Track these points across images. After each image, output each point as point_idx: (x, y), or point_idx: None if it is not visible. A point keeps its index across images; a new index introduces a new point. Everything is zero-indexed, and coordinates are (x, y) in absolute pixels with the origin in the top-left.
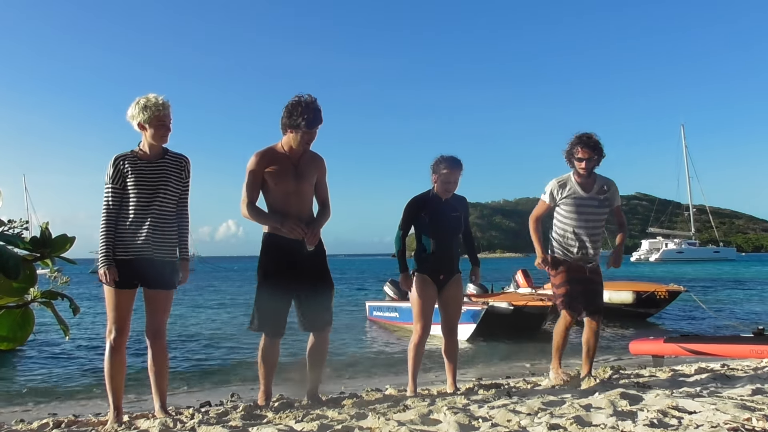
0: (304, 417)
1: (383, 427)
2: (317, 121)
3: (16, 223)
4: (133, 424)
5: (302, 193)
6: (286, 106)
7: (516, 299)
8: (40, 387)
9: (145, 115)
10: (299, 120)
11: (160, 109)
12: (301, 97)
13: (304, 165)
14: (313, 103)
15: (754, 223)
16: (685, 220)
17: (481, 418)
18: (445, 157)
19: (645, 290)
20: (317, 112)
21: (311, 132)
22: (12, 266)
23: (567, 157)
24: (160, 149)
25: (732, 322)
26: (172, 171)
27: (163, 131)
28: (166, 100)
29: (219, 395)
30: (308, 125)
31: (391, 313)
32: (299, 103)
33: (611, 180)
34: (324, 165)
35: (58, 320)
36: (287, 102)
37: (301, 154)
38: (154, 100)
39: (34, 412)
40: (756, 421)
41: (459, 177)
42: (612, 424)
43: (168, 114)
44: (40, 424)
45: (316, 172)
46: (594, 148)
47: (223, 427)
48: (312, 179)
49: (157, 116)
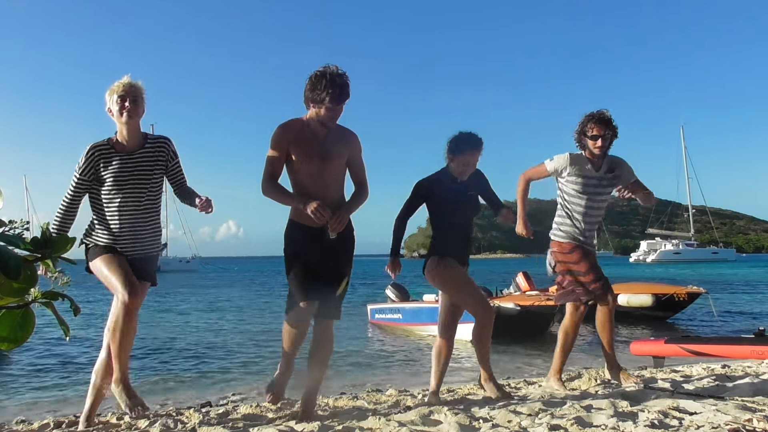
0: (304, 417)
1: (384, 428)
2: (344, 97)
3: (17, 223)
4: (133, 424)
5: (329, 174)
6: (309, 78)
7: (523, 300)
8: (41, 387)
9: (109, 98)
10: (323, 94)
11: (122, 86)
12: (327, 69)
13: (331, 143)
14: (339, 76)
15: (755, 224)
16: (685, 221)
17: (482, 418)
18: (465, 135)
19: (664, 292)
20: (344, 87)
21: (336, 108)
22: (13, 267)
23: (578, 138)
24: (138, 136)
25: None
26: (154, 159)
27: (122, 107)
28: (133, 81)
29: (219, 395)
30: (333, 101)
31: (395, 314)
32: (324, 75)
33: (622, 159)
34: (357, 141)
35: (58, 321)
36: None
37: (328, 131)
38: (119, 81)
39: (34, 412)
40: (757, 422)
41: (478, 159)
42: (613, 425)
43: (131, 92)
44: (41, 424)
45: (346, 151)
46: (608, 124)
47: (224, 427)
48: (341, 158)
49: (119, 94)
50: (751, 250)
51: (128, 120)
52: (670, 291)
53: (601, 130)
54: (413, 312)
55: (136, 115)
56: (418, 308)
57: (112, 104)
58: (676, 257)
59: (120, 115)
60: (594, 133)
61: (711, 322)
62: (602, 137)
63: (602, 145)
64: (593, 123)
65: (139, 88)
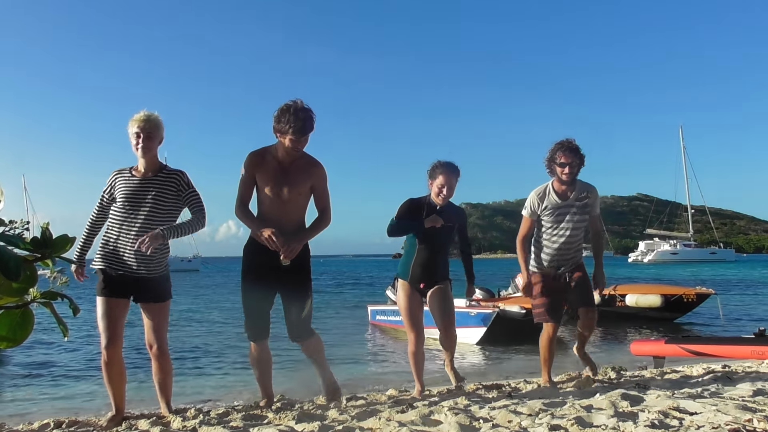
0: (304, 417)
1: (384, 428)
2: (306, 129)
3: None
4: (133, 424)
5: (290, 201)
6: (276, 111)
7: (527, 302)
8: (41, 386)
9: (130, 130)
10: (287, 126)
11: (137, 123)
12: (293, 103)
13: (296, 172)
14: (302, 110)
15: (755, 224)
16: (685, 222)
17: (482, 418)
18: (442, 162)
19: (673, 293)
20: (307, 120)
21: (299, 139)
22: (12, 267)
23: (548, 165)
24: (155, 165)
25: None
26: (164, 188)
27: (136, 141)
28: (152, 115)
29: (220, 395)
30: (295, 133)
31: (396, 316)
32: (288, 109)
33: (593, 186)
34: (321, 172)
35: (57, 321)
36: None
37: (293, 160)
38: (137, 114)
39: (34, 411)
40: (757, 422)
41: (454, 184)
42: (613, 425)
43: (146, 127)
44: (41, 424)
45: (309, 180)
46: (575, 152)
47: (224, 427)
48: (303, 187)
49: (135, 127)
50: (752, 250)
51: (142, 155)
52: (679, 292)
53: (568, 158)
54: None
55: (149, 151)
56: None
57: (130, 137)
58: (674, 257)
59: (135, 150)
60: (562, 161)
61: (718, 323)
62: (569, 165)
63: (570, 172)
64: (561, 151)
65: (154, 122)
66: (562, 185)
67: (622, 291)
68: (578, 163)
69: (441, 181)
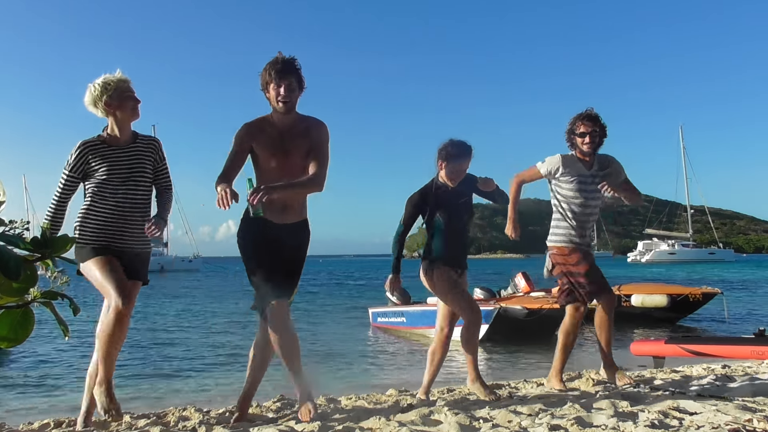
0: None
1: (384, 428)
2: (287, 70)
3: (17, 223)
4: (133, 424)
5: (292, 168)
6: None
7: (530, 303)
8: (41, 386)
9: (108, 92)
10: (267, 75)
11: (124, 82)
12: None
13: (293, 135)
14: (284, 57)
15: (755, 224)
16: (685, 221)
17: (482, 418)
18: (455, 142)
19: (679, 293)
20: (287, 62)
21: (282, 84)
22: (13, 267)
23: (568, 138)
24: (130, 132)
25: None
26: (146, 156)
27: (133, 102)
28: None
29: (219, 396)
30: (277, 74)
31: (398, 318)
32: (271, 60)
33: (612, 156)
34: (320, 131)
35: (57, 320)
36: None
37: (293, 124)
38: (114, 76)
39: (34, 411)
40: (757, 422)
41: (467, 166)
42: (613, 425)
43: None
44: (41, 424)
45: (308, 141)
46: (595, 121)
47: (224, 427)
48: (303, 150)
49: (123, 88)
50: (752, 250)
51: (138, 114)
52: (685, 291)
53: (588, 127)
54: (419, 315)
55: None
56: (424, 311)
57: (114, 99)
58: (671, 257)
59: (131, 110)
60: (582, 131)
61: (722, 323)
62: (590, 134)
63: (591, 141)
64: (581, 121)
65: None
66: (585, 156)
67: (627, 291)
68: (599, 132)
69: (462, 166)
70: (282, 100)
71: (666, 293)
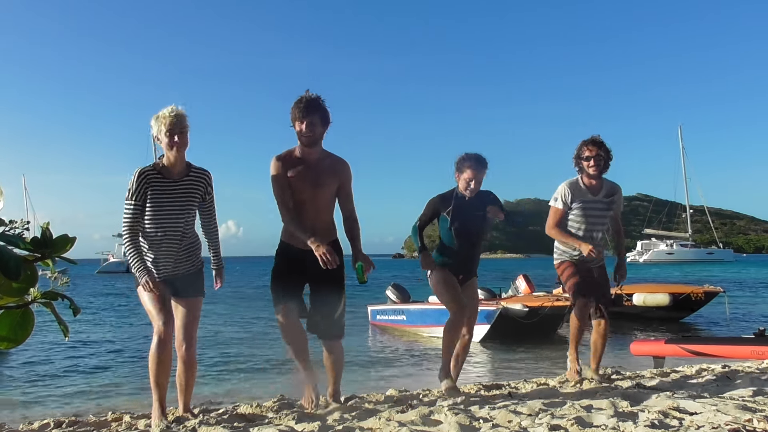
0: (304, 417)
1: (384, 428)
2: (310, 109)
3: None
4: (133, 424)
5: (321, 200)
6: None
7: (531, 302)
8: (41, 386)
9: (156, 126)
10: (296, 110)
11: (168, 117)
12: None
13: (321, 170)
14: (307, 96)
15: (755, 224)
16: (684, 222)
17: (482, 418)
18: (470, 155)
19: (681, 292)
20: (313, 101)
21: (304, 121)
22: (13, 267)
23: (576, 163)
24: (184, 164)
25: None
26: (196, 189)
27: (171, 141)
28: (180, 110)
29: (219, 396)
30: (300, 113)
31: (398, 316)
32: (299, 98)
33: (618, 185)
34: (348, 171)
35: (57, 321)
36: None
37: (318, 159)
38: (166, 110)
39: (34, 411)
40: (757, 422)
41: (482, 177)
42: (613, 425)
43: (179, 125)
44: (41, 424)
45: (336, 180)
46: (600, 145)
47: (224, 427)
48: (331, 186)
49: (166, 125)
50: (752, 250)
51: (177, 153)
52: (687, 290)
53: (593, 151)
54: (419, 313)
55: (184, 147)
56: (424, 310)
57: (160, 135)
58: (669, 257)
59: (170, 148)
60: (588, 154)
61: (723, 322)
62: (594, 158)
63: (596, 165)
64: (586, 146)
65: (184, 118)
66: (591, 179)
67: (628, 290)
68: (604, 156)
69: (469, 175)
70: (305, 135)
71: (668, 292)
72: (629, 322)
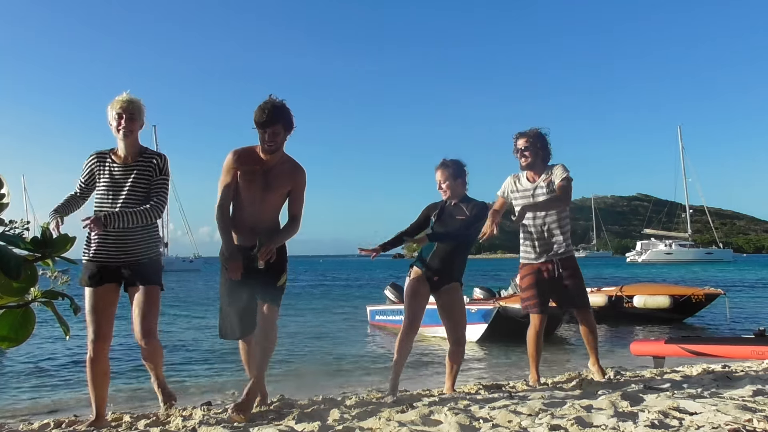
0: (304, 417)
1: (384, 428)
2: (272, 118)
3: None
4: (133, 424)
5: (267, 203)
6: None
7: None
8: (41, 386)
9: (110, 112)
10: (258, 118)
11: (120, 103)
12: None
13: (276, 174)
14: (272, 101)
15: (755, 224)
16: (684, 221)
17: (482, 418)
18: (442, 160)
19: (682, 294)
20: (275, 109)
21: (266, 131)
22: (13, 267)
23: (515, 155)
24: (135, 150)
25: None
26: (144, 172)
27: (119, 124)
28: (134, 97)
29: (219, 396)
30: (262, 123)
31: (397, 316)
32: (262, 103)
33: (557, 164)
34: (302, 178)
35: (58, 320)
36: None
37: (277, 163)
38: (120, 96)
39: (35, 411)
40: (757, 422)
41: (451, 179)
42: (613, 425)
43: (128, 109)
44: (41, 424)
45: (289, 184)
46: (529, 135)
47: (224, 427)
48: (282, 190)
49: (117, 108)
50: (752, 250)
51: (123, 137)
52: (688, 292)
53: (523, 141)
54: None
55: (130, 132)
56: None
57: (111, 119)
58: (668, 257)
59: (116, 131)
60: (518, 146)
61: (723, 323)
62: (521, 149)
63: (524, 155)
64: (518, 136)
65: (136, 104)
66: (528, 170)
67: (629, 292)
68: (532, 147)
69: (437, 177)
70: (267, 145)
71: (668, 294)
72: (628, 322)
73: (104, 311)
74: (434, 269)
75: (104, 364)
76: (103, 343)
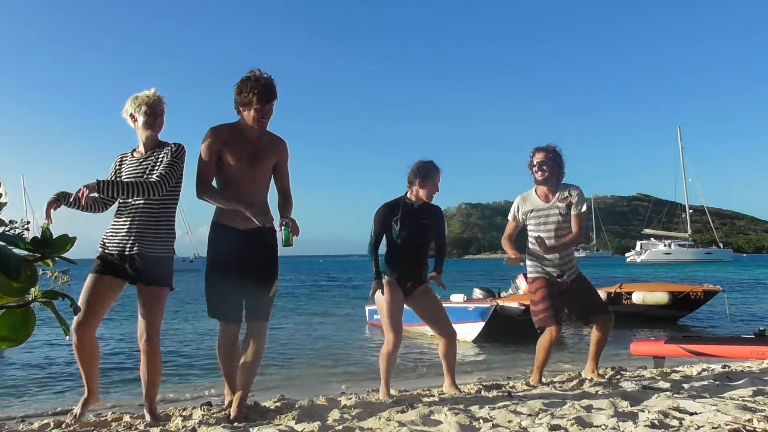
0: (304, 417)
1: (384, 428)
2: (270, 96)
3: (17, 223)
4: (133, 424)
5: (256, 178)
6: (236, 84)
7: (526, 299)
8: (41, 387)
9: (134, 104)
10: (250, 95)
11: (149, 97)
12: (252, 73)
13: (261, 148)
14: (264, 77)
15: (755, 224)
16: (684, 221)
17: (482, 418)
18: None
19: (680, 291)
20: (268, 86)
21: (264, 108)
22: (13, 267)
23: (529, 169)
24: (155, 143)
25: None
26: (156, 159)
27: (151, 119)
28: (159, 95)
29: (219, 396)
30: (260, 100)
31: None
32: (249, 78)
33: (576, 185)
34: (285, 149)
35: (58, 320)
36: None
37: (258, 136)
38: (146, 91)
39: (34, 411)
40: (757, 422)
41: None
42: (613, 425)
43: (158, 106)
44: (41, 424)
45: (274, 157)
46: (548, 150)
47: (224, 427)
48: (270, 163)
49: (146, 103)
50: (752, 250)
51: (151, 133)
52: (687, 289)
53: (540, 156)
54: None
55: (158, 129)
56: None
57: (137, 112)
58: (667, 257)
59: (145, 127)
60: (535, 161)
61: (723, 322)
62: (539, 164)
63: (541, 170)
64: (535, 151)
65: (164, 103)
66: (543, 186)
67: (628, 289)
68: (551, 162)
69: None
70: (259, 122)
71: (667, 291)
72: (628, 322)
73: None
74: (407, 275)
75: (88, 349)
76: (88, 328)
